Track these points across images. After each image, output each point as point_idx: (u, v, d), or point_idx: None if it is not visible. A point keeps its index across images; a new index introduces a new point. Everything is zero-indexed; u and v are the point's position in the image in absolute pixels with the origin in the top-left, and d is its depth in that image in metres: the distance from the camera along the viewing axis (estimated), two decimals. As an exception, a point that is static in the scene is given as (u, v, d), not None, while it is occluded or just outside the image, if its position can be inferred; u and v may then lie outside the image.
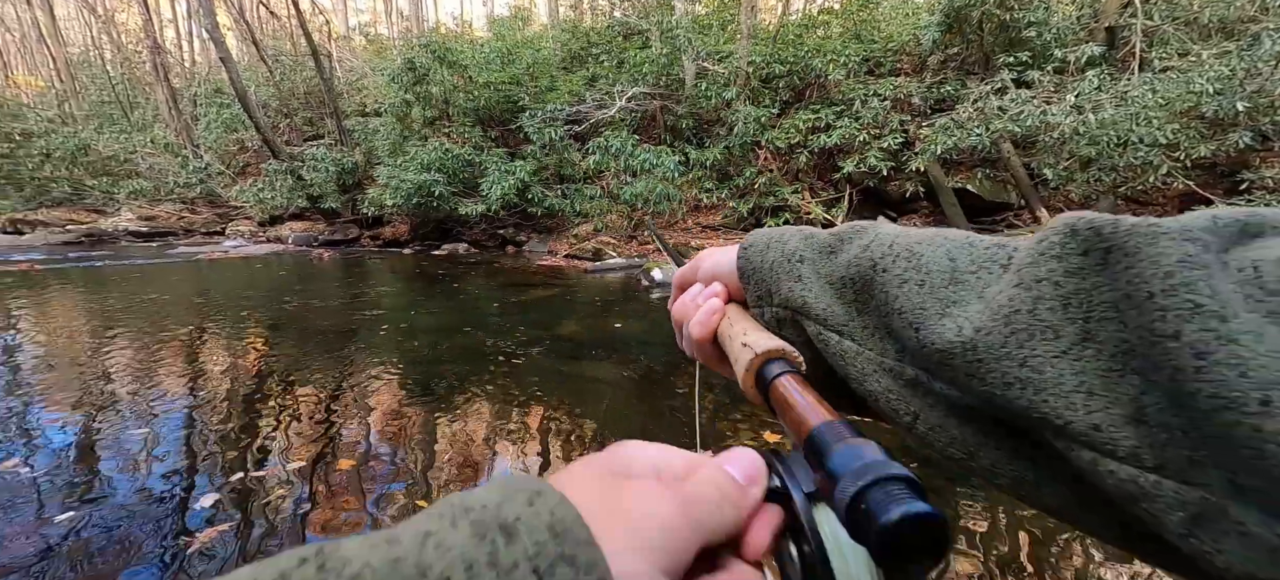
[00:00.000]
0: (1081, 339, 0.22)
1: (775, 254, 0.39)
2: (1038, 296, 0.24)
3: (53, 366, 3.73)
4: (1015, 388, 0.23)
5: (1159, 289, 0.20)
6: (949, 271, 0.28)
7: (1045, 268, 0.24)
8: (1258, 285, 0.18)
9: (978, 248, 0.29)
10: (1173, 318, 0.19)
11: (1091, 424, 0.21)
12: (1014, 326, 0.24)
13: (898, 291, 0.29)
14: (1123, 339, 0.21)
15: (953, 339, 0.26)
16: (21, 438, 2.61)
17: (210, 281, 7.42)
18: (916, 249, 0.30)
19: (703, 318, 0.42)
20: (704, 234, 9.91)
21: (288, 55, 17.81)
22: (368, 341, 4.38)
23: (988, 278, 0.27)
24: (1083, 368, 0.22)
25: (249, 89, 13.74)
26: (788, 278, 0.37)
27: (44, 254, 9.83)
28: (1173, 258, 0.20)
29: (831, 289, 0.35)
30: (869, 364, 0.31)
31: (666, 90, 10.70)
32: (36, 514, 2.00)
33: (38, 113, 19.10)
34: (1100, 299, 0.22)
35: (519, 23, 15.01)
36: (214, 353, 4.11)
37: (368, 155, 12.97)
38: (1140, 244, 0.21)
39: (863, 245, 0.33)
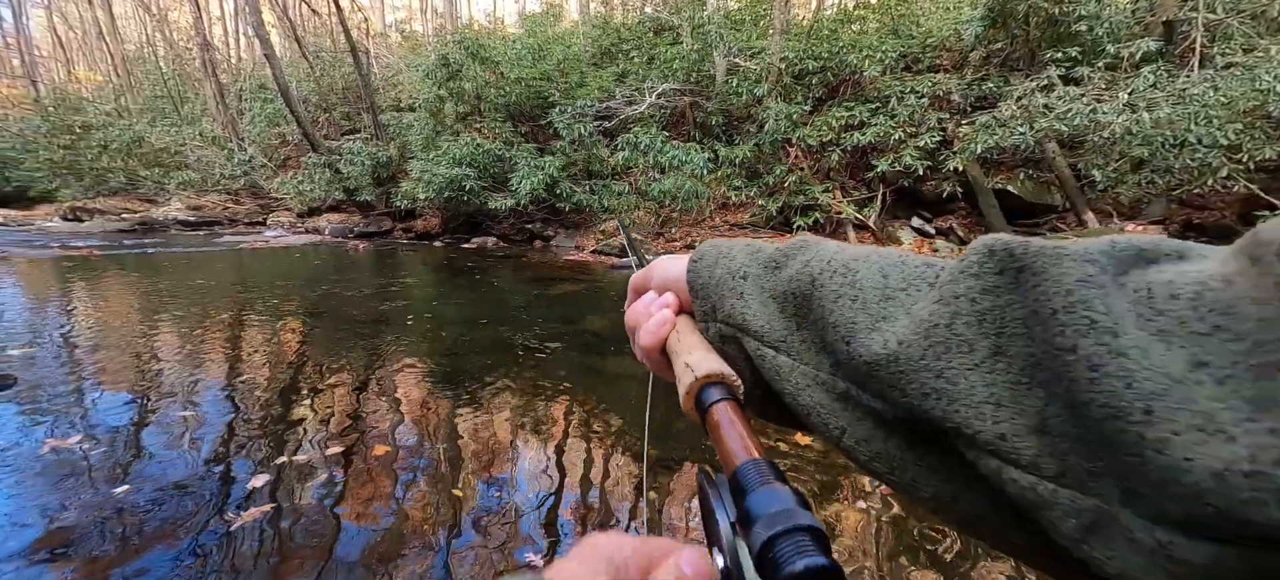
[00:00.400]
0: (993, 353, 0.23)
1: (721, 270, 0.40)
2: (955, 312, 0.25)
3: (108, 347, 3.93)
4: (931, 398, 0.24)
5: (1060, 306, 0.21)
6: (881, 288, 0.29)
7: (963, 285, 0.25)
8: (1148, 305, 0.20)
9: (909, 266, 0.30)
10: (1071, 333, 0.20)
11: (998, 433, 0.22)
12: (932, 340, 0.25)
13: (833, 306, 0.30)
14: (1030, 353, 0.22)
15: (878, 351, 0.27)
16: (81, 415, 2.75)
17: (252, 269, 7.71)
18: (852, 265, 0.31)
19: (653, 328, 0.43)
20: (732, 232, 9.81)
21: (327, 52, 18.35)
22: (398, 331, 4.48)
23: (916, 295, 0.28)
24: (993, 380, 0.23)
25: (291, 85, 14.21)
26: (731, 294, 0.38)
27: (101, 240, 10.38)
28: (1073, 277, 0.21)
29: (774, 302, 0.35)
30: (803, 378, 0.32)
31: (697, 87, 10.62)
32: (93, 487, 2.11)
33: (96, 107, 20.19)
34: (1012, 316, 0.23)
35: (550, 19, 15.11)
36: (254, 338, 4.27)
37: (402, 149, 13.28)
38: (1046, 264, 0.22)
39: (804, 261, 0.34)
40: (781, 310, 0.35)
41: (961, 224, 8.62)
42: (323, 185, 13.49)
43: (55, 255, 8.26)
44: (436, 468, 2.36)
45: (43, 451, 2.34)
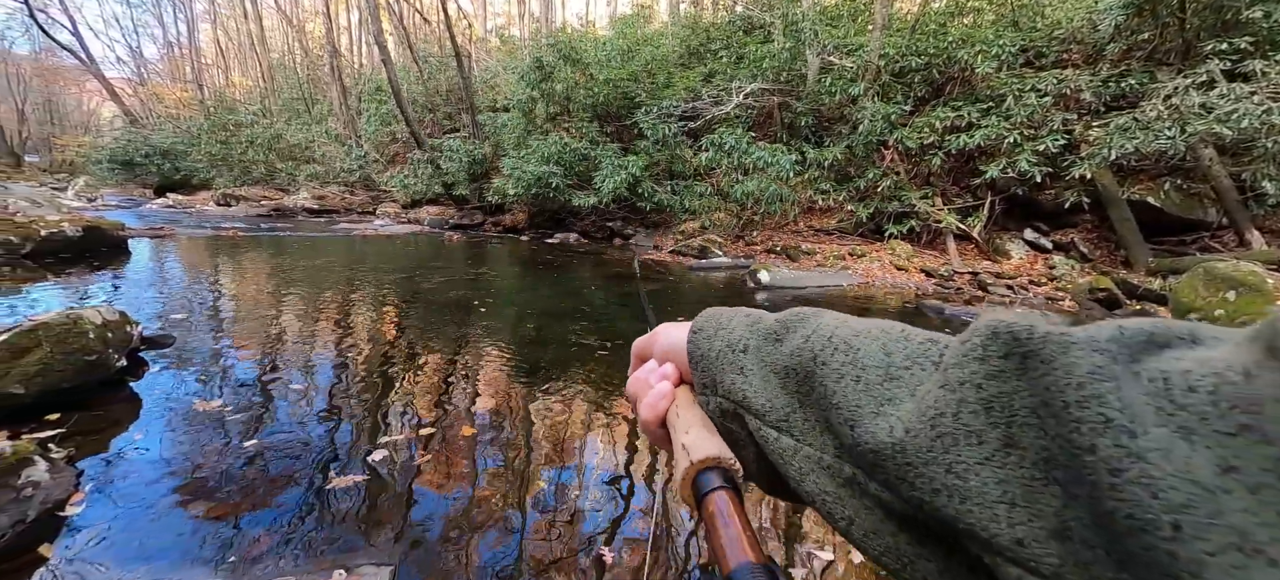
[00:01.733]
0: (1004, 445, 0.21)
1: (721, 342, 0.38)
2: (961, 400, 0.23)
3: (244, 317, 4.49)
4: (942, 495, 0.22)
5: (1073, 399, 0.20)
6: (884, 367, 0.28)
7: (968, 370, 0.23)
8: (1167, 397, 0.18)
9: (912, 342, 0.28)
10: (1087, 430, 0.19)
11: (1015, 538, 0.20)
12: (939, 429, 0.23)
13: (835, 386, 0.29)
14: (1044, 447, 0.20)
15: (885, 439, 0.25)
16: (220, 376, 3.15)
17: (361, 254, 8.49)
18: (853, 342, 0.30)
19: (652, 401, 0.41)
20: (816, 238, 9.40)
21: (434, 57, 19.81)
22: (484, 318, 4.72)
23: (920, 374, 0.26)
24: (1006, 476, 0.21)
25: (402, 87, 15.51)
26: (731, 369, 0.36)
27: (244, 223, 11.92)
28: (1083, 368, 0.20)
29: (776, 378, 0.34)
30: (807, 462, 0.31)
31: (786, 86, 10.28)
32: (227, 440, 2.40)
33: (246, 108, 23.25)
34: (1021, 404, 0.21)
35: (640, 20, 15.29)
36: (359, 316, 4.68)
37: (496, 147, 14.04)
38: (1054, 352, 0.21)
39: (805, 335, 0.33)
40: (783, 386, 0.33)
41: (1086, 239, 7.66)
42: (424, 180, 14.60)
43: (209, 234, 9.60)
44: (510, 451, 2.45)
45: (190, 405, 2.70)
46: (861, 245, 8.77)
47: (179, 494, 1.98)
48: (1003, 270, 7.49)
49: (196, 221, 11.56)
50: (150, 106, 30.22)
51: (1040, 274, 7.25)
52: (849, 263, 8.24)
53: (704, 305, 2.75)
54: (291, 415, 2.68)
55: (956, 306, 5.89)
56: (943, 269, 7.61)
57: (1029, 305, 6.15)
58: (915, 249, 8.40)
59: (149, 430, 2.40)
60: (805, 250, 8.73)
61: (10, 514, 1.62)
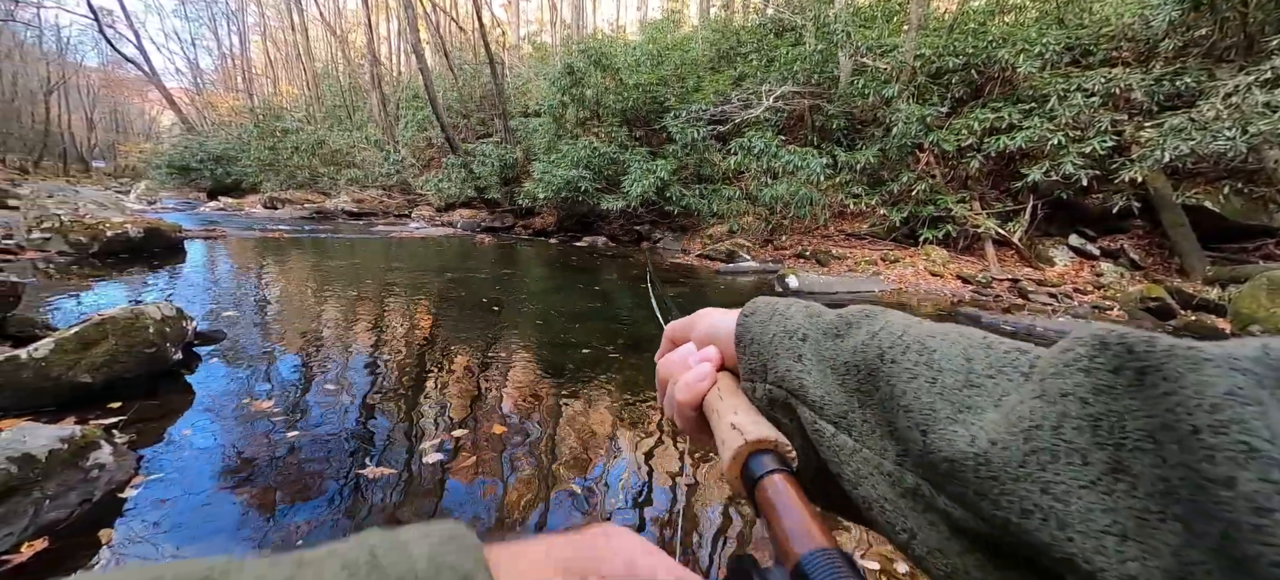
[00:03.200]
0: (1112, 469, 0.19)
1: (777, 327, 0.36)
2: (1063, 413, 0.21)
3: (287, 314, 4.70)
4: (1035, 517, 0.20)
5: (1205, 423, 0.17)
6: (964, 372, 0.25)
7: (1071, 381, 0.21)
8: None
9: (996, 350, 0.26)
10: (1224, 461, 0.17)
11: (1127, 575, 0.18)
12: (1035, 444, 0.21)
13: (906, 386, 0.26)
14: (1161, 476, 0.18)
15: (964, 448, 0.23)
16: (265, 370, 3.31)
17: (397, 255, 8.76)
18: (929, 343, 0.28)
19: (691, 381, 0.38)
20: (848, 242, 9.23)
21: (469, 65, 20.34)
22: (513, 319, 4.82)
23: (1006, 384, 0.24)
24: (1114, 504, 0.19)
25: (438, 94, 15.96)
26: (787, 355, 0.34)
27: (288, 225, 12.46)
28: (1220, 389, 0.17)
29: (834, 374, 0.31)
30: (866, 465, 0.28)
31: (818, 88, 10.14)
32: (270, 433, 2.53)
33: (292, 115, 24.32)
34: (1135, 425, 0.19)
35: (670, 25, 15.35)
36: (395, 314, 4.84)
37: (527, 152, 14.30)
38: (1181, 368, 0.18)
39: (871, 331, 0.30)
40: (842, 384, 0.30)
41: (1137, 245, 7.30)
42: (458, 184, 14.99)
43: (256, 236, 10.08)
44: (538, 450, 2.50)
45: (238, 398, 2.86)
46: (894, 250, 8.57)
47: (226, 481, 2.10)
48: (1045, 277, 7.20)
49: (245, 223, 12.15)
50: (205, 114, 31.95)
51: (1086, 282, 6.94)
52: (881, 268, 8.06)
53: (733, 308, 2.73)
54: (329, 409, 2.80)
55: (995, 314, 5.69)
56: (980, 275, 7.36)
57: (1074, 314, 5.90)
58: (951, 254, 8.16)
59: (201, 420, 2.55)
60: (835, 255, 8.58)
61: (78, 493, 1.75)
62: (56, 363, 2.41)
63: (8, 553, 1.54)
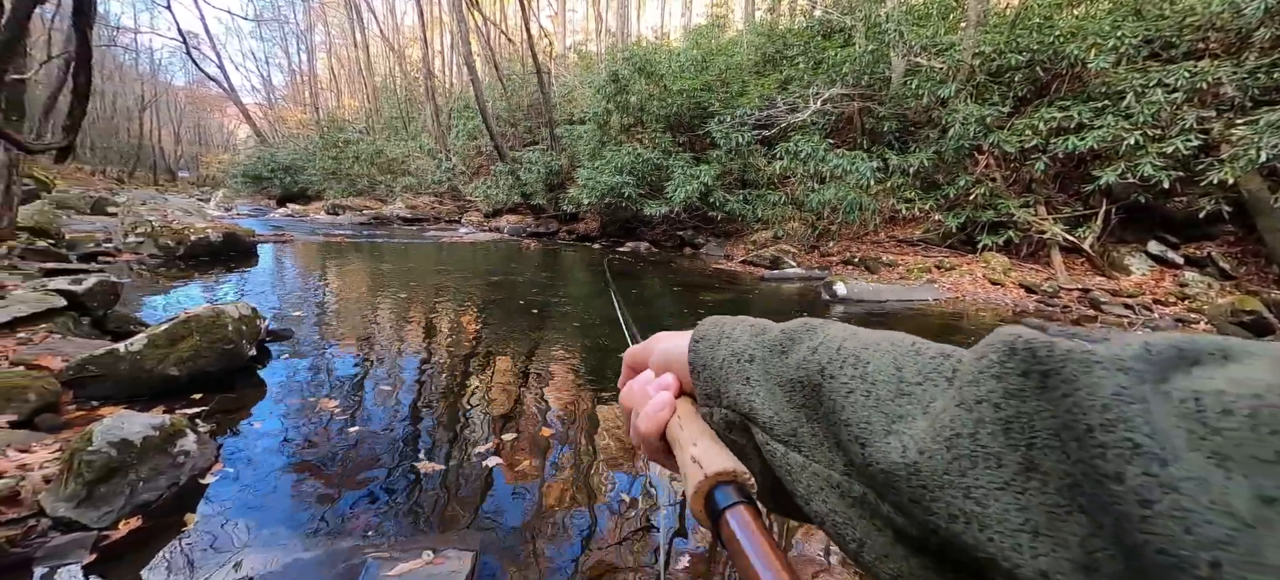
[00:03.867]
0: (1025, 469, 0.20)
1: (725, 350, 0.36)
2: (979, 419, 0.22)
3: (347, 314, 4.96)
4: (960, 521, 0.21)
5: (1097, 422, 0.19)
6: (895, 381, 0.26)
7: (985, 387, 0.22)
8: (1199, 421, 0.17)
9: (924, 357, 0.27)
10: (1114, 457, 0.18)
11: (1039, 570, 0.19)
12: (956, 451, 0.22)
13: (844, 401, 0.27)
14: (1066, 472, 0.19)
15: (897, 459, 0.24)
16: (329, 371, 3.51)
17: (447, 259, 9.09)
18: (863, 355, 0.28)
19: (651, 412, 0.39)
20: (899, 249, 8.89)
21: (517, 75, 20.93)
22: (556, 322, 4.90)
23: (933, 390, 0.25)
24: (1027, 502, 0.20)
25: (487, 103, 16.49)
26: (737, 378, 0.35)
27: (349, 230, 13.17)
28: (1108, 390, 0.19)
29: (781, 391, 0.32)
30: (815, 480, 0.29)
31: (868, 90, 9.84)
32: (332, 427, 2.67)
33: (353, 127, 25.72)
34: (1042, 425, 0.20)
35: (714, 30, 15.28)
36: (444, 316, 5.02)
37: (571, 158, 14.55)
38: (1075, 372, 0.20)
39: (812, 346, 0.31)
40: (789, 400, 0.31)
41: (1227, 253, 6.69)
42: (505, 190, 15.42)
43: (320, 240, 10.70)
44: (579, 453, 2.53)
45: (304, 393, 3.03)
46: (950, 257, 8.18)
47: (294, 471, 2.23)
48: (1120, 287, 6.69)
49: (310, 228, 12.92)
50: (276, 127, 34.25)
51: (1167, 292, 6.40)
52: (936, 276, 7.72)
53: (777, 317, 2.72)
54: (384, 406, 2.93)
55: (1062, 327, 5.33)
56: (1046, 285, 6.93)
57: (1155, 327, 5.45)
58: (1013, 262, 7.72)
59: (272, 413, 2.73)
60: (886, 262, 8.28)
61: (167, 477, 1.90)
62: (149, 356, 2.63)
63: (108, 529, 1.69)
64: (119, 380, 2.55)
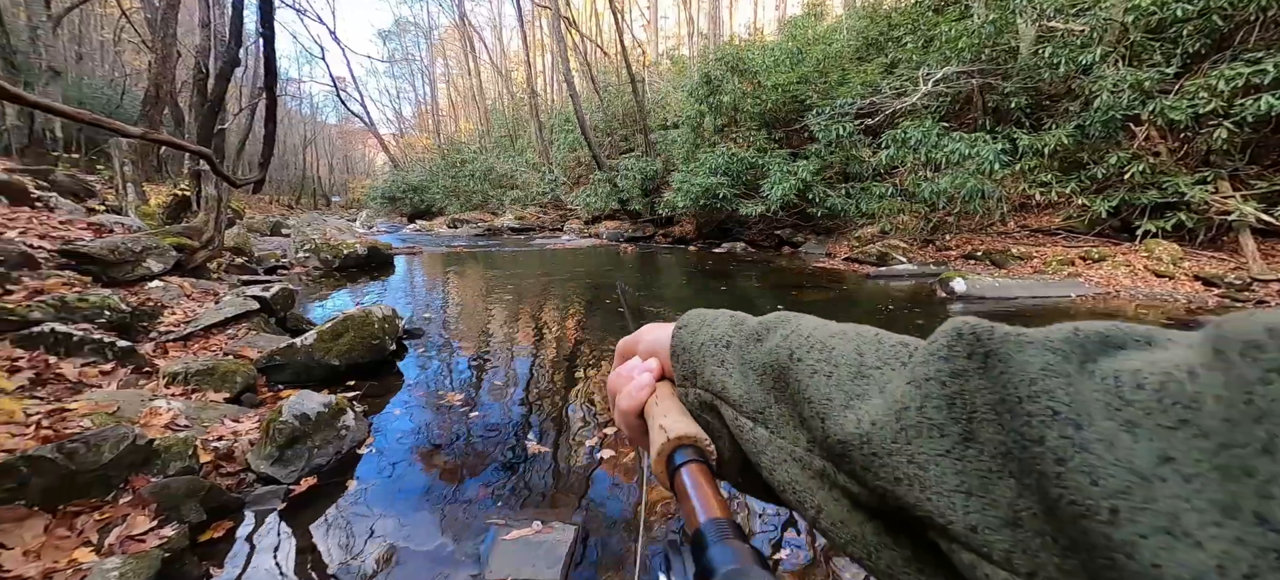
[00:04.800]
0: (964, 439, 0.22)
1: (704, 336, 0.39)
2: (926, 395, 0.24)
3: (466, 315, 5.49)
4: (903, 484, 0.24)
5: (1025, 394, 0.21)
6: (856, 365, 0.29)
7: (933, 367, 0.24)
8: (1116, 394, 0.19)
9: (885, 345, 0.29)
10: (1037, 423, 0.20)
11: (969, 524, 0.21)
12: (904, 423, 0.24)
13: (809, 382, 0.30)
14: (1001, 441, 0.21)
15: (852, 430, 0.26)
16: (452, 365, 3.93)
17: (551, 265, 9.67)
18: (829, 342, 0.31)
19: (633, 391, 0.42)
20: (1033, 239, 7.91)
21: (613, 86, 21.69)
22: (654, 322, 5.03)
23: (890, 374, 0.27)
24: (964, 468, 0.22)
25: (586, 116, 17.28)
26: (712, 361, 0.37)
27: (465, 241, 14.49)
28: (1036, 366, 0.21)
29: (754, 374, 0.35)
30: (780, 453, 0.32)
31: (990, 65, 8.89)
32: (455, 413, 3.00)
33: (468, 147, 28.23)
34: (982, 401, 0.22)
35: (811, 20, 14.68)
36: (549, 317, 5.37)
37: (666, 163, 14.77)
38: (1011, 351, 0.22)
39: (784, 335, 0.34)
40: (761, 382, 0.34)
41: None
42: (603, 197, 16.03)
43: (443, 251, 11.91)
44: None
45: (432, 384, 3.44)
46: (1100, 247, 7.12)
47: (424, 451, 2.55)
48: (1343, 276, 5.39)
49: (434, 241, 14.41)
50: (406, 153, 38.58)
51: None
52: (1080, 268, 6.77)
53: (887, 317, 2.70)
54: (498, 399, 3.23)
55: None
56: (1232, 277, 5.78)
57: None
58: (1185, 250, 6.54)
59: (408, 400, 3.13)
60: (1016, 254, 7.41)
61: (334, 446, 2.28)
62: (317, 349, 3.15)
63: (293, 484, 2.07)
64: (296, 368, 3.09)
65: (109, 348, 2.69)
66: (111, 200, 6.89)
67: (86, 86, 18.81)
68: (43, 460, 1.61)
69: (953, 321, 0.25)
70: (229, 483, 1.99)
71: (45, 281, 3.22)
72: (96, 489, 1.70)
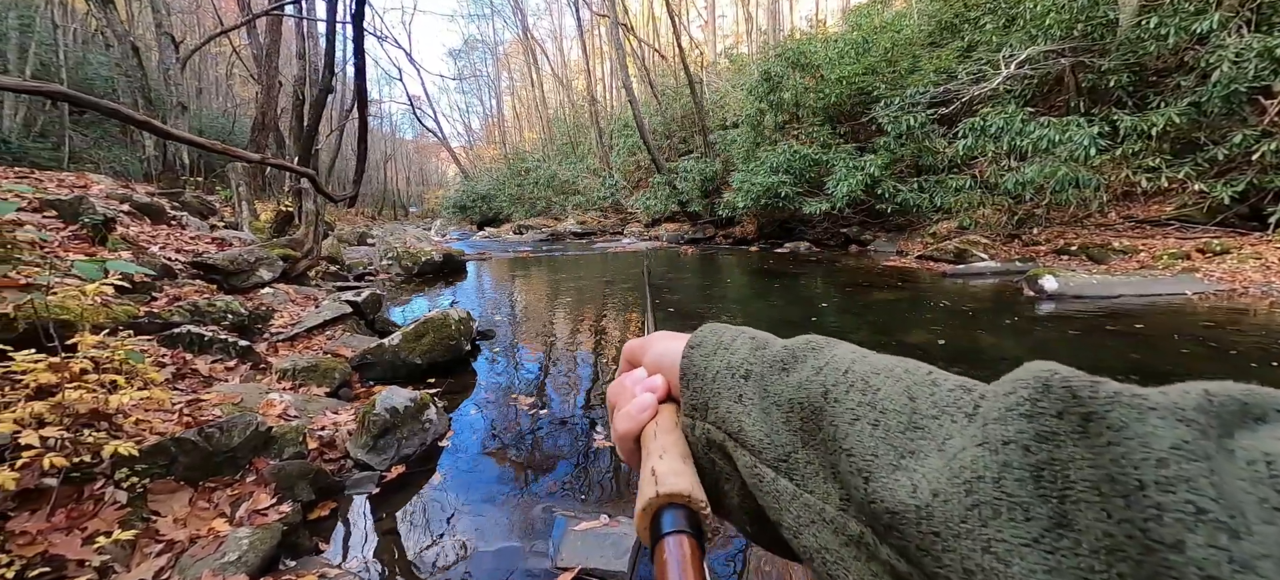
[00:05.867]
0: (1056, 524, 0.18)
1: (720, 362, 0.34)
2: (1004, 463, 0.19)
3: (531, 316, 5.72)
4: (977, 578, 0.19)
5: (1152, 479, 0.16)
6: (907, 412, 0.24)
7: (1014, 427, 0.20)
8: (1273, 488, 0.15)
9: (941, 388, 0.24)
10: (1172, 522, 0.15)
11: None
12: (977, 497, 0.19)
13: (848, 429, 0.25)
14: (1107, 532, 0.17)
15: (906, 499, 0.21)
16: (520, 366, 4.12)
17: (613, 267, 9.85)
18: (873, 380, 0.26)
19: (633, 412, 0.37)
20: (1139, 231, 7.16)
21: (670, 89, 21.77)
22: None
23: (950, 426, 0.22)
24: (1057, 563, 0.17)
25: (644, 120, 17.46)
26: (728, 395, 0.32)
27: (531, 247, 15.04)
28: (1166, 442, 0.17)
29: (778, 411, 0.29)
30: (807, 512, 0.26)
31: (1084, 41, 8.13)
32: (523, 412, 3.16)
33: (532, 156, 29.31)
34: (1079, 476, 0.18)
35: (877, 7, 14.04)
36: (610, 319, 5.49)
37: (725, 163, 14.64)
38: (1126, 418, 0.18)
39: (816, 366, 0.29)
40: (786, 422, 0.29)
41: None
42: (662, 200, 16.13)
43: (510, 256, 12.45)
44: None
45: (502, 383, 3.62)
46: (1223, 238, 6.34)
47: (498, 445, 2.71)
48: None
49: (502, 247, 15.07)
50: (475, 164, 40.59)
51: None
52: (1198, 263, 6.05)
53: (966, 317, 2.59)
54: (563, 395, 3.36)
55: None
56: (1396, 267, 4.96)
57: None
58: (1333, 238, 5.68)
59: (482, 397, 3.33)
60: (1119, 249, 6.74)
61: (419, 439, 2.48)
62: (402, 349, 3.42)
63: (385, 471, 2.28)
64: (384, 366, 3.37)
65: (232, 346, 3.06)
66: (228, 217, 7.78)
67: (205, 117, 21.29)
68: (187, 442, 1.87)
69: (1035, 368, 0.21)
70: (331, 467, 2.22)
71: (181, 289, 3.71)
72: (227, 468, 1.95)
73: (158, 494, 1.78)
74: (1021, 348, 3.99)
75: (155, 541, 1.62)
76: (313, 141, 5.45)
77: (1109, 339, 4.00)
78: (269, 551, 1.64)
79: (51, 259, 2.86)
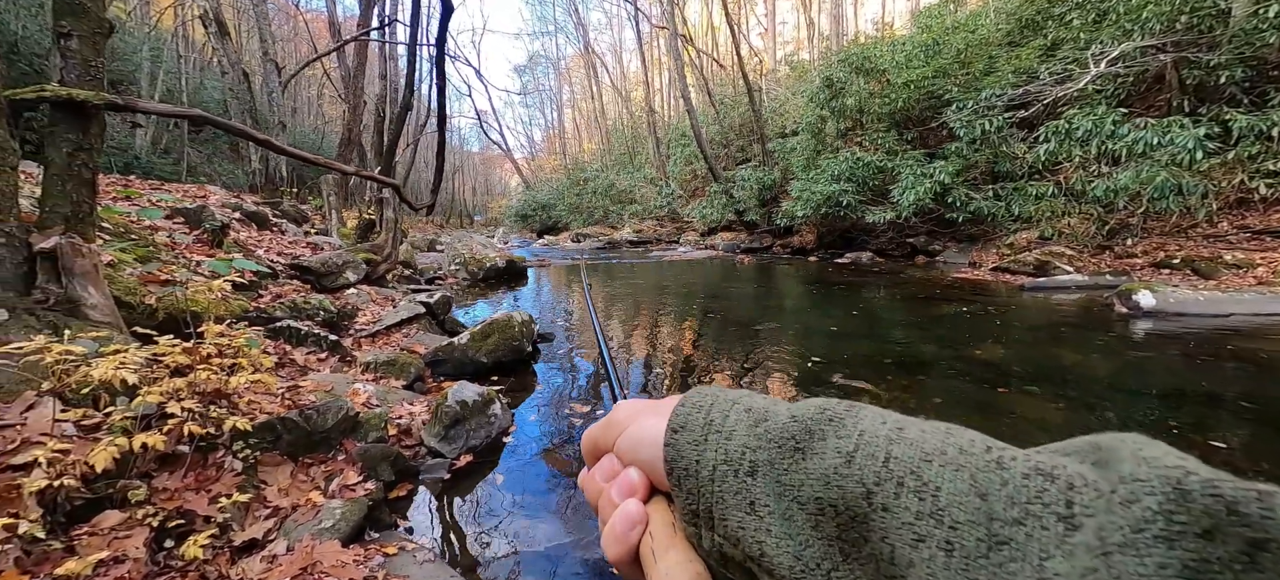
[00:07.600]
0: None
1: (714, 454, 0.26)
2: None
3: (586, 323, 5.88)
4: None
5: None
6: (984, 522, 0.18)
7: (1151, 557, 0.15)
8: None
9: (1012, 474, 0.19)
10: None
11: None
12: None
13: (913, 555, 0.19)
14: None
15: None
16: (575, 369, 4.27)
17: (668, 276, 9.93)
18: (925, 474, 0.20)
19: (619, 533, 0.29)
20: (1254, 243, 6.42)
21: (728, 98, 21.70)
22: (771, 334, 4.97)
23: (1042, 536, 0.17)
24: None
25: (701, 129, 17.49)
26: (736, 502, 0.25)
27: (588, 254, 15.39)
28: None
29: (802, 513, 0.23)
30: None
31: (1187, 35, 7.42)
32: (574, 414, 3.28)
33: (591, 166, 30.04)
34: None
35: (949, 6, 13.40)
36: (665, 327, 5.55)
37: (784, 172, 14.40)
38: None
39: (844, 452, 0.22)
40: (816, 527, 0.22)
41: None
42: (719, 209, 16.08)
43: (567, 263, 12.82)
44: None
45: (559, 385, 3.77)
46: (1361, 251, 5.57)
47: (555, 442, 2.84)
48: None
49: (561, 254, 15.53)
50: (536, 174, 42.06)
51: None
52: (1329, 278, 5.35)
53: (1045, 334, 2.58)
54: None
55: None
56: None
57: None
58: None
59: (541, 398, 3.48)
60: (1231, 262, 6.07)
61: (485, 431, 2.65)
62: (470, 347, 3.64)
63: (455, 459, 2.45)
64: (454, 363, 3.60)
65: (323, 340, 3.38)
66: (319, 224, 8.53)
67: (298, 134, 23.41)
68: (290, 421, 2.11)
69: (1163, 467, 0.17)
70: (408, 453, 2.42)
71: (282, 288, 4.13)
72: (322, 447, 2.18)
73: (266, 465, 2.02)
74: (1114, 363, 3.69)
75: (263, 506, 1.85)
76: (393, 155, 5.93)
77: (1221, 365, 3.61)
78: (357, 522, 1.82)
79: (183, 259, 3.29)
